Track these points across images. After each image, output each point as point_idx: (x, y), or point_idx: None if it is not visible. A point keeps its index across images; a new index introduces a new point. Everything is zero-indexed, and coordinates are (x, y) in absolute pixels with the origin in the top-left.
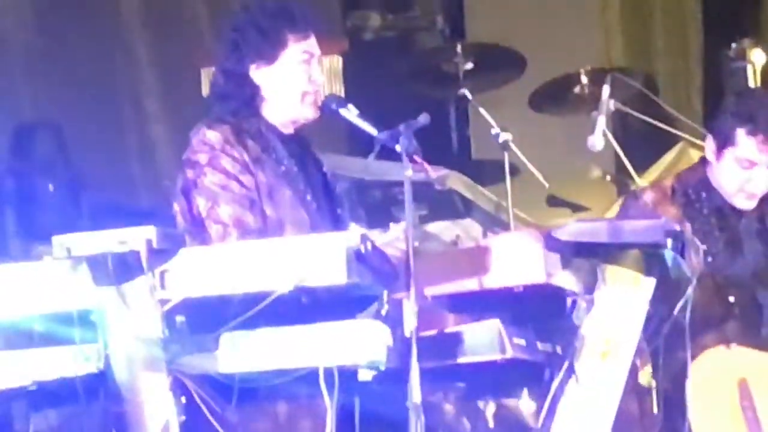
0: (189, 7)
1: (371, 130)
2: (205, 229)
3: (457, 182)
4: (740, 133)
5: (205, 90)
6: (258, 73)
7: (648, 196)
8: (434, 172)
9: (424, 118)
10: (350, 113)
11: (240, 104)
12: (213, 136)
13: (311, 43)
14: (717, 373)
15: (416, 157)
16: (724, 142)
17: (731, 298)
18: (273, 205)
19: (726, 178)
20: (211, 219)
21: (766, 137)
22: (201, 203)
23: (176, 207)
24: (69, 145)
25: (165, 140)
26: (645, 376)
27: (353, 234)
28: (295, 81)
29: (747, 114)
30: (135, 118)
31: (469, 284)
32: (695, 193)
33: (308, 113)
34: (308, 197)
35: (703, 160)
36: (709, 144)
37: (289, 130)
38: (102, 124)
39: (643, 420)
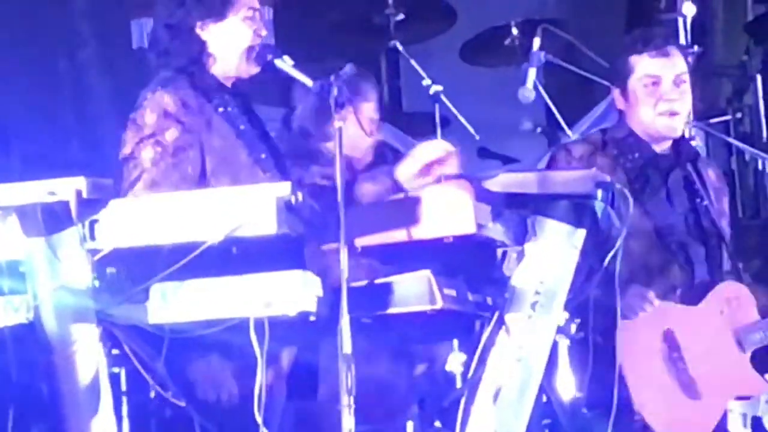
0: None
1: (306, 80)
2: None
3: (388, 134)
4: (633, 60)
5: (135, 42)
6: (204, 30)
7: (578, 150)
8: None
9: (349, 68)
10: (285, 64)
11: (188, 61)
12: (169, 99)
13: None
14: (644, 325)
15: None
16: (625, 78)
17: (672, 246)
18: (228, 170)
19: (642, 111)
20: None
21: (655, 50)
22: (132, 165)
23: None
24: None
25: (97, 90)
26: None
27: (283, 184)
28: (243, 37)
29: (630, 42)
30: (67, 68)
31: (400, 235)
32: (625, 146)
33: (252, 69)
34: (263, 156)
35: (621, 114)
36: (616, 96)
37: (227, 84)
38: (33, 73)
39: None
